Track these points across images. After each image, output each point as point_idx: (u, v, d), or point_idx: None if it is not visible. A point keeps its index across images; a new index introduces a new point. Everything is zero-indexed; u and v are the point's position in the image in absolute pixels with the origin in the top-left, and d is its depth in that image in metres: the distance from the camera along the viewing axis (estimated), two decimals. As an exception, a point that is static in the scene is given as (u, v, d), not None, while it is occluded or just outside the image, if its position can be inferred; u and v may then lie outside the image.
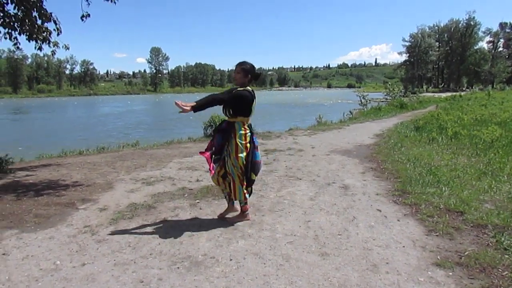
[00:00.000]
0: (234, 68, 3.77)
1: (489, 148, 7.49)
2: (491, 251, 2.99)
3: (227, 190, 3.79)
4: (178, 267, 2.83)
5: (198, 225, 3.73)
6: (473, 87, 60.83)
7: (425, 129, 10.97)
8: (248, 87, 3.71)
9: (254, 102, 3.71)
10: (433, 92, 60.80)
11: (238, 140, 3.58)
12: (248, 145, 3.65)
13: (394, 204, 4.32)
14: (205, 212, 4.11)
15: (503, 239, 3.17)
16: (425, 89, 65.39)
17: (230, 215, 3.89)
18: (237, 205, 3.87)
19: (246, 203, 3.79)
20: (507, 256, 2.89)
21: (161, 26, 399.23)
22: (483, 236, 3.32)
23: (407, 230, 3.54)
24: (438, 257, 2.94)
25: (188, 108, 3.20)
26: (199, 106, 3.33)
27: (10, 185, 5.30)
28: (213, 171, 3.70)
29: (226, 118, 3.70)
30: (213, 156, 3.68)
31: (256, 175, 3.81)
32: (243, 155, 3.60)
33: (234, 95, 3.58)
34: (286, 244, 3.27)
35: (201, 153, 3.72)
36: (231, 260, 2.96)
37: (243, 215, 3.82)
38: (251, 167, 3.67)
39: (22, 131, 22.02)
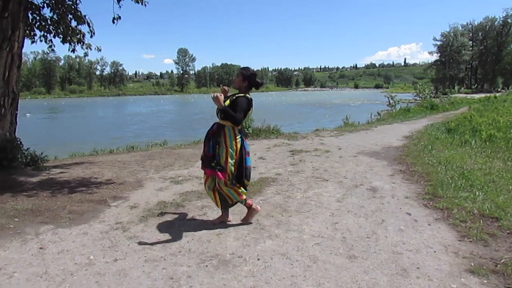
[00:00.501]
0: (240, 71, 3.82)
1: (526, 151, 7.18)
2: (529, 259, 2.87)
3: (216, 201, 3.74)
4: (206, 265, 2.88)
5: (225, 224, 3.78)
6: (509, 88, 58.24)
7: (457, 131, 10.63)
8: (248, 95, 3.69)
9: (250, 111, 3.68)
10: (465, 93, 58.69)
11: (229, 148, 3.53)
12: (237, 152, 3.58)
13: (424, 208, 4.22)
14: (232, 212, 4.14)
15: (541, 247, 3.03)
16: (456, 90, 63.30)
17: (247, 217, 3.82)
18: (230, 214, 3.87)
19: (246, 199, 3.71)
20: (546, 264, 2.77)
21: (188, 27, 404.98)
22: (520, 244, 3.19)
23: (438, 235, 3.44)
24: (472, 264, 2.85)
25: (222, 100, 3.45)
26: (226, 112, 3.50)
27: (45, 182, 5.54)
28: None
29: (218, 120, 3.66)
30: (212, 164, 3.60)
31: (248, 180, 3.72)
32: (232, 161, 3.53)
33: (233, 101, 3.58)
34: (314, 245, 3.25)
35: (203, 169, 3.72)
36: (258, 259, 2.98)
37: (252, 210, 3.78)
38: (244, 173, 3.61)
39: (56, 130, 22.90)
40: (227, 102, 3.59)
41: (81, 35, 6.82)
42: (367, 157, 7.43)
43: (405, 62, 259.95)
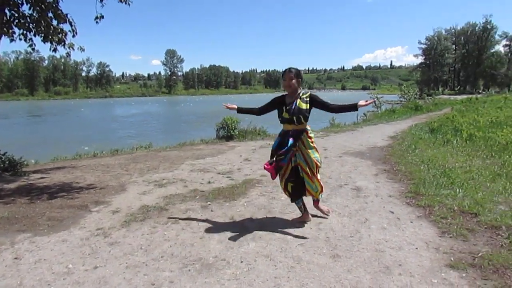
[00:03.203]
0: (282, 75, 3.78)
1: (504, 150, 7.35)
2: (505, 252, 2.94)
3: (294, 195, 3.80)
4: (189, 270, 2.84)
5: (209, 227, 3.74)
6: (489, 90, 59.70)
7: (440, 131, 10.82)
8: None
9: None
10: (449, 94, 59.83)
11: (309, 140, 3.67)
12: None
13: (407, 206, 4.26)
14: (216, 214, 4.12)
15: (517, 240, 3.10)
16: (441, 91, 64.48)
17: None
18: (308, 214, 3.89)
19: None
20: (521, 257, 2.83)
21: (176, 28, 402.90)
22: (497, 238, 3.26)
23: (420, 232, 3.48)
24: (452, 259, 2.89)
25: (234, 106, 3.72)
26: (240, 110, 3.80)
27: (24, 188, 5.40)
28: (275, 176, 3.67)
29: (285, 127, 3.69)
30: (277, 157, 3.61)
31: None
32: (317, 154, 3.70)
33: (311, 98, 3.65)
34: (297, 246, 3.25)
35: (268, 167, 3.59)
36: (242, 262, 2.96)
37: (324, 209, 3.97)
38: None
39: (37, 134, 22.45)
40: (305, 105, 3.60)
41: (63, 34, 6.63)
42: (352, 157, 7.49)
43: (391, 64, 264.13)
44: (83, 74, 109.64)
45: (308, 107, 3.61)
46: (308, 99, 3.63)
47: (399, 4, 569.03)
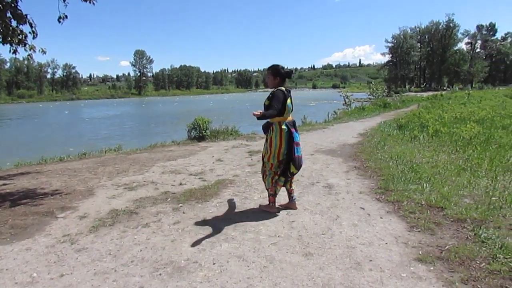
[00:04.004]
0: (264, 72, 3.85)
1: (467, 144, 7.65)
2: (470, 245, 3.04)
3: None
4: (160, 274, 2.78)
5: (181, 229, 3.68)
6: (453, 87, 62.16)
7: (407, 127, 11.13)
8: (282, 87, 3.90)
9: (289, 100, 3.90)
10: (415, 91, 61.87)
11: (273, 138, 3.89)
12: (284, 142, 3.87)
13: (377, 202, 4.35)
14: (188, 216, 4.06)
15: (480, 232, 3.23)
16: (407, 88, 66.51)
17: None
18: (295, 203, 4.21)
19: (272, 195, 4.11)
20: (484, 248, 2.95)
21: (145, 28, 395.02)
22: (463, 230, 3.37)
23: (389, 227, 3.56)
24: (420, 253, 2.97)
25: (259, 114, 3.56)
26: (263, 116, 3.65)
27: (-14, 195, 5.13)
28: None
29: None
30: None
31: (296, 168, 3.94)
32: (275, 150, 3.90)
33: (271, 97, 3.85)
34: (270, 245, 3.25)
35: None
36: (214, 264, 2.92)
37: (268, 206, 4.17)
38: (292, 161, 3.89)
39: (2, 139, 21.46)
40: (267, 101, 3.87)
41: (23, 35, 6.37)
42: (324, 155, 7.58)
43: (360, 63, 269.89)
44: (48, 76, 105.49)
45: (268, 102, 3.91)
46: (270, 95, 3.91)
47: (366, 3, 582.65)
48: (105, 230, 3.71)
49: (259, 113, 3.51)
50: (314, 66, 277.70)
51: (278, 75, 3.93)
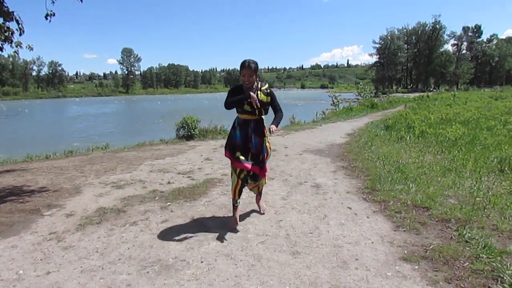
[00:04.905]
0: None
1: (453, 145, 7.79)
2: (454, 244, 3.11)
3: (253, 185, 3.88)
4: (147, 272, 2.78)
5: (169, 228, 3.68)
6: (440, 88, 63.25)
7: (394, 128, 11.28)
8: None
9: None
10: (402, 92, 62.69)
11: (268, 141, 3.76)
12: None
13: (364, 202, 4.41)
14: (176, 215, 4.06)
15: (464, 232, 3.29)
16: (395, 89, 67.44)
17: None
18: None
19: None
20: (468, 248, 3.01)
21: (132, 26, 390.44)
22: (447, 230, 3.44)
23: (376, 227, 3.62)
24: (405, 252, 3.03)
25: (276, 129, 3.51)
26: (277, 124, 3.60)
27: (-31, 192, 5.04)
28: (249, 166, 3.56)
29: (244, 116, 3.62)
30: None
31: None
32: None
33: (270, 94, 3.64)
34: (258, 244, 3.27)
35: (245, 166, 3.55)
36: (202, 262, 2.93)
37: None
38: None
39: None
40: (264, 97, 3.59)
41: (10, 32, 6.28)
42: (312, 155, 7.64)
43: (348, 63, 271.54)
44: (34, 73, 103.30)
45: (269, 100, 3.63)
46: (268, 91, 3.64)
47: (354, 4, 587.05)
48: (92, 228, 3.68)
49: (276, 128, 3.49)
50: (302, 66, 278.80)
51: (257, 72, 3.56)
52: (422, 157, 6.78)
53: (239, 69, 3.55)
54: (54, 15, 6.24)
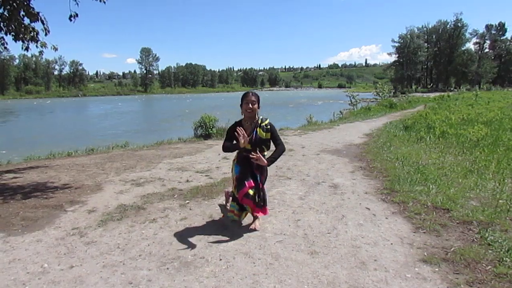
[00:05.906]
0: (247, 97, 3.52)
1: (475, 146, 7.62)
2: (476, 247, 3.05)
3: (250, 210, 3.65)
4: (167, 268, 2.83)
5: (188, 225, 3.73)
6: (461, 87, 61.74)
7: (414, 128, 11.10)
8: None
9: None
10: (422, 92, 61.56)
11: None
12: None
13: (382, 203, 4.37)
14: (195, 213, 4.11)
15: (487, 235, 3.23)
16: (414, 89, 66.26)
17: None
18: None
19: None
20: (490, 251, 2.95)
21: (151, 26, 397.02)
22: (469, 233, 3.38)
23: (395, 228, 3.58)
24: (425, 254, 2.99)
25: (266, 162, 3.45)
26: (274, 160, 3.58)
27: (-4, 188, 5.22)
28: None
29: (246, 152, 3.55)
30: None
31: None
32: None
33: (271, 130, 3.58)
34: (276, 243, 3.28)
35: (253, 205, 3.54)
36: (220, 260, 2.96)
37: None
38: None
39: (11, 134, 21.67)
40: (263, 133, 3.53)
41: (35, 33, 6.47)
42: (329, 155, 7.60)
43: (366, 62, 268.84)
44: (56, 72, 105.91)
45: (269, 136, 3.55)
46: (268, 127, 3.55)
47: (373, 3, 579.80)
48: (113, 224, 3.77)
49: (265, 162, 3.41)
50: (320, 65, 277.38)
51: (259, 102, 3.56)
52: (442, 158, 6.65)
53: (240, 101, 3.54)
54: (77, 16, 6.40)
